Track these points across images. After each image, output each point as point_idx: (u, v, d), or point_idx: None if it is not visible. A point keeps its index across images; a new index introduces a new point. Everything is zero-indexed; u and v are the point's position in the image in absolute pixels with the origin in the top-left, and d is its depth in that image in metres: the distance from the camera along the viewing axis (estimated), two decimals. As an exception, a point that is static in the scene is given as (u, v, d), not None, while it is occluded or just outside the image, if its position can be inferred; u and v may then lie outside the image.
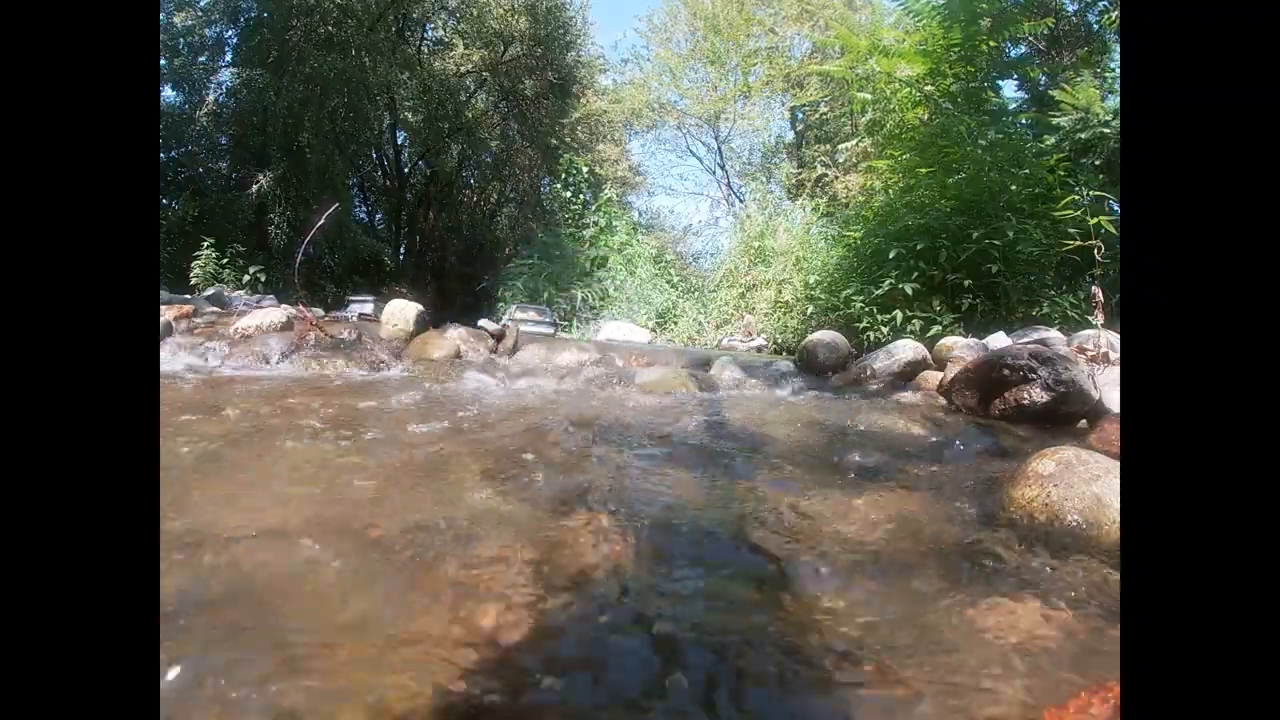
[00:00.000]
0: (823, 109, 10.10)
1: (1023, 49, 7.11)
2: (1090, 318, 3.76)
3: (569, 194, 9.06)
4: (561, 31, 13.98)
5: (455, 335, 3.72)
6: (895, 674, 0.74)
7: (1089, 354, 2.69)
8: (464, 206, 16.39)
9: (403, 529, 1.05)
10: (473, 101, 14.68)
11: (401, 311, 3.99)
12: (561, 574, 0.93)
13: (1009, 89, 6.52)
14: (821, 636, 0.80)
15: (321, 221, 5.00)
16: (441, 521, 1.10)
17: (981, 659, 0.77)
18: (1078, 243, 4.17)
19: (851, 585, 0.94)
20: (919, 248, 4.45)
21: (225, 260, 8.91)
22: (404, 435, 1.77)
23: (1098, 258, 4.05)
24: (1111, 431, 1.96)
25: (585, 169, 9.22)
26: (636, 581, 0.92)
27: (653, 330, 6.76)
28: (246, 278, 8.87)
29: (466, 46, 13.80)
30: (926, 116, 5.46)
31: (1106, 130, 4.95)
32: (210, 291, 6.98)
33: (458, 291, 14.01)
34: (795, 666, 0.75)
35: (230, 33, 12.11)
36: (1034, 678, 0.74)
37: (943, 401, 2.56)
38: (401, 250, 15.20)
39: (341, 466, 1.41)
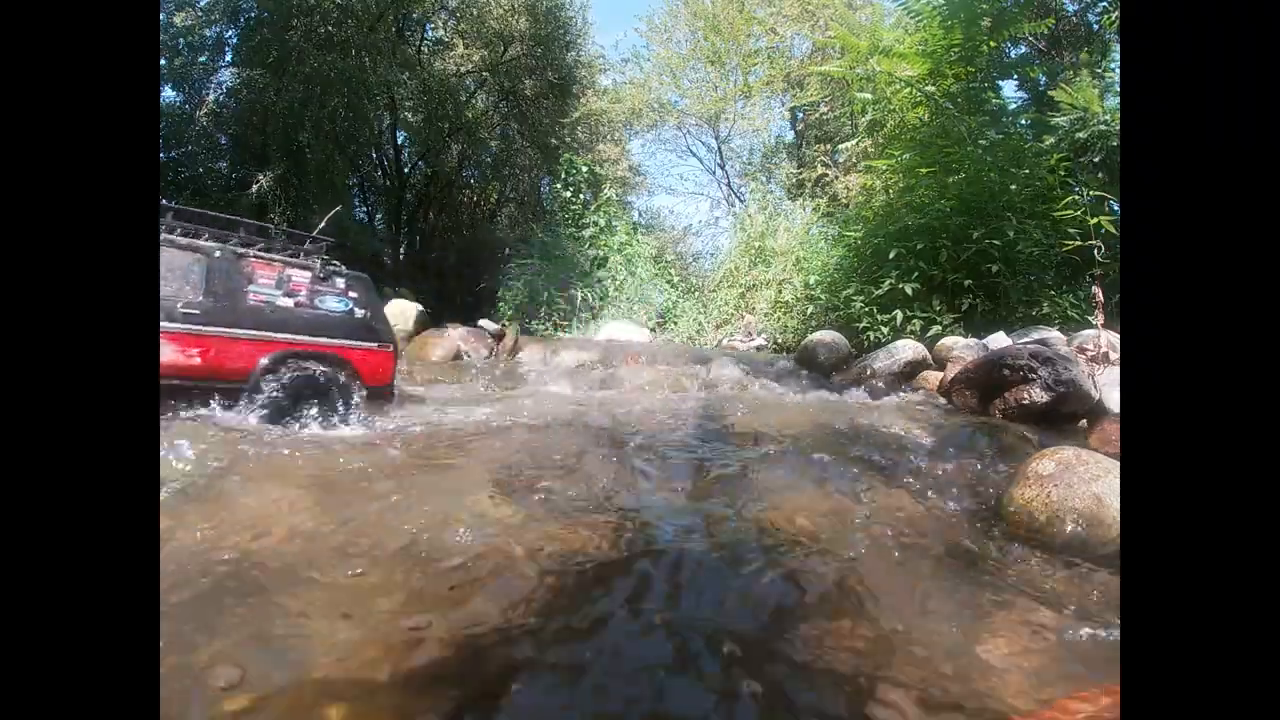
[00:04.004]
0: (823, 109, 10.08)
1: (1023, 49, 7.10)
2: (1090, 318, 3.76)
3: (569, 194, 9.04)
4: (561, 31, 13.95)
5: (455, 335, 3.72)
6: (894, 671, 0.74)
7: (1089, 354, 2.69)
8: (464, 206, 16.35)
9: (402, 530, 1.05)
10: (473, 101, 14.65)
11: (401, 312, 3.99)
12: (562, 573, 0.93)
13: (1009, 89, 6.51)
14: (821, 635, 0.80)
15: (323, 225, 5.01)
16: (440, 521, 1.10)
17: (981, 656, 0.77)
18: (1078, 243, 4.17)
19: (852, 584, 0.94)
20: (919, 248, 4.44)
21: (225, 260, 8.88)
22: (402, 436, 1.77)
23: (1098, 258, 4.05)
24: (1111, 431, 1.96)
25: (585, 169, 9.19)
26: (636, 578, 0.92)
27: (653, 330, 6.75)
28: (246, 278, 8.85)
29: (466, 46, 13.77)
30: (927, 117, 5.45)
31: (1106, 129, 4.94)
32: (210, 291, 6.96)
33: (458, 291, 13.97)
34: (793, 662, 0.75)
35: (230, 33, 12.09)
36: (1034, 675, 0.74)
37: (943, 401, 2.56)
38: (401, 250, 15.17)
39: (340, 467, 1.41)
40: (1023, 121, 6.10)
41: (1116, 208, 4.56)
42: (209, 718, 0.63)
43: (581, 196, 8.93)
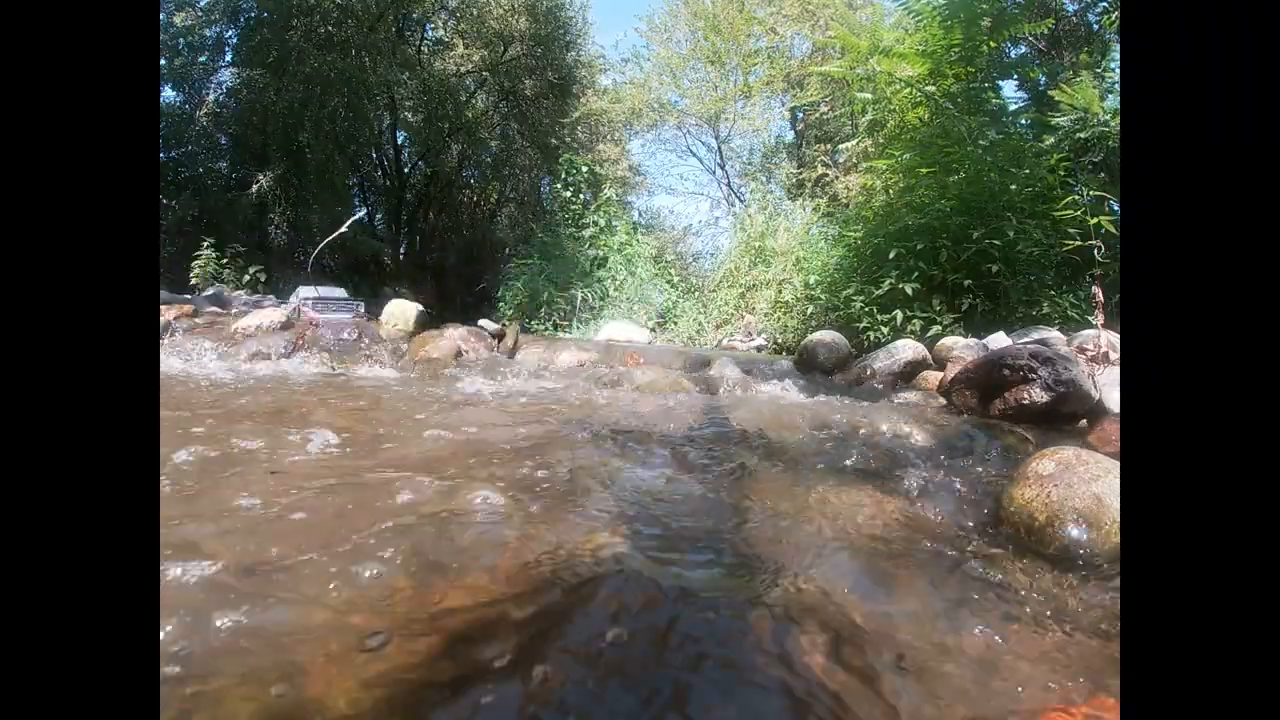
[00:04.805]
0: (823, 109, 10.08)
1: (1023, 49, 7.11)
2: (1090, 318, 3.76)
3: (569, 194, 9.04)
4: (561, 31, 13.97)
5: (455, 335, 3.71)
6: (888, 671, 0.74)
7: (1089, 354, 2.69)
8: (464, 206, 16.38)
9: (402, 531, 1.05)
10: (473, 101, 14.67)
11: (401, 311, 3.99)
12: (560, 577, 0.93)
13: (1009, 89, 6.52)
14: (820, 637, 0.80)
15: (344, 229, 4.94)
16: (442, 522, 1.10)
17: (977, 657, 0.77)
18: (1078, 243, 4.17)
19: (849, 586, 0.94)
20: (919, 248, 4.44)
21: (225, 260, 8.90)
22: (401, 436, 1.77)
23: (1098, 258, 4.05)
24: (1111, 431, 1.96)
25: (585, 168, 9.20)
26: (633, 579, 0.92)
27: (653, 330, 6.76)
28: (246, 278, 8.87)
29: (466, 46, 13.79)
30: (927, 117, 5.45)
31: (1106, 130, 4.95)
32: (210, 291, 6.98)
33: (458, 291, 13.99)
34: (780, 663, 0.75)
35: (230, 33, 12.11)
36: (1034, 678, 0.74)
37: (943, 401, 2.56)
38: (401, 250, 15.19)
39: (340, 468, 1.41)
40: (1023, 121, 6.11)
41: (1116, 208, 4.56)
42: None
43: (581, 196, 8.93)
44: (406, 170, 15.12)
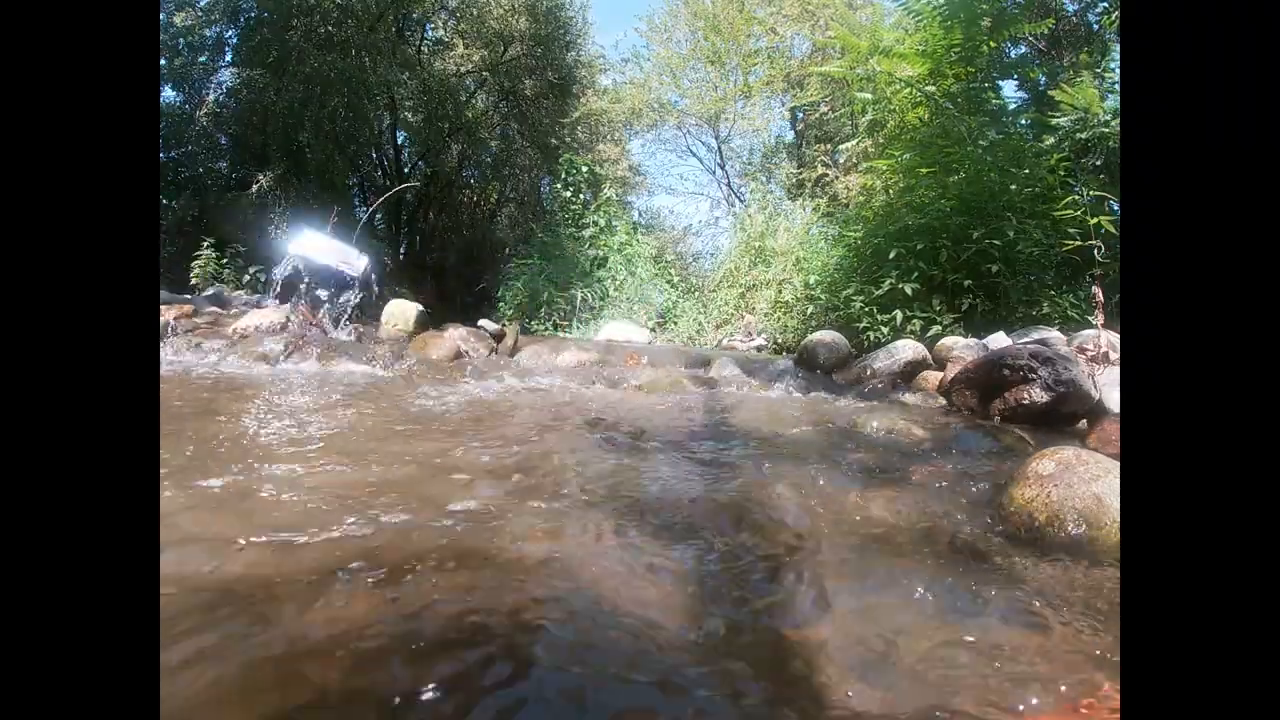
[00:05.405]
0: (823, 109, 10.08)
1: (1023, 49, 7.11)
2: (1090, 318, 3.76)
3: (569, 194, 9.02)
4: (561, 31, 13.96)
5: (455, 335, 3.72)
6: (888, 671, 0.74)
7: (1089, 354, 2.69)
8: (464, 206, 16.37)
9: (404, 531, 1.05)
10: (473, 101, 14.66)
11: (401, 311, 3.99)
12: (560, 576, 0.93)
13: (1009, 89, 6.52)
14: (813, 635, 0.80)
15: (400, 188, 4.85)
16: (442, 521, 1.10)
17: (978, 660, 0.77)
18: (1078, 243, 4.17)
19: (849, 586, 0.94)
20: (919, 248, 4.44)
21: (225, 260, 8.89)
22: (401, 436, 1.77)
23: (1098, 258, 4.05)
24: (1111, 431, 1.96)
25: (585, 169, 9.18)
26: (634, 578, 0.92)
27: (653, 330, 6.75)
28: (246, 278, 8.86)
29: (466, 46, 13.78)
30: (927, 117, 5.46)
31: (1106, 130, 4.95)
32: (210, 291, 6.97)
33: (458, 291, 13.97)
34: (780, 664, 0.75)
35: (230, 33, 12.11)
36: (1033, 678, 0.74)
37: (943, 401, 2.56)
38: (401, 250, 15.18)
39: (339, 468, 1.41)
40: (1023, 121, 6.11)
41: (1116, 208, 4.56)
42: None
43: (581, 196, 8.92)
44: (406, 170, 15.10)
